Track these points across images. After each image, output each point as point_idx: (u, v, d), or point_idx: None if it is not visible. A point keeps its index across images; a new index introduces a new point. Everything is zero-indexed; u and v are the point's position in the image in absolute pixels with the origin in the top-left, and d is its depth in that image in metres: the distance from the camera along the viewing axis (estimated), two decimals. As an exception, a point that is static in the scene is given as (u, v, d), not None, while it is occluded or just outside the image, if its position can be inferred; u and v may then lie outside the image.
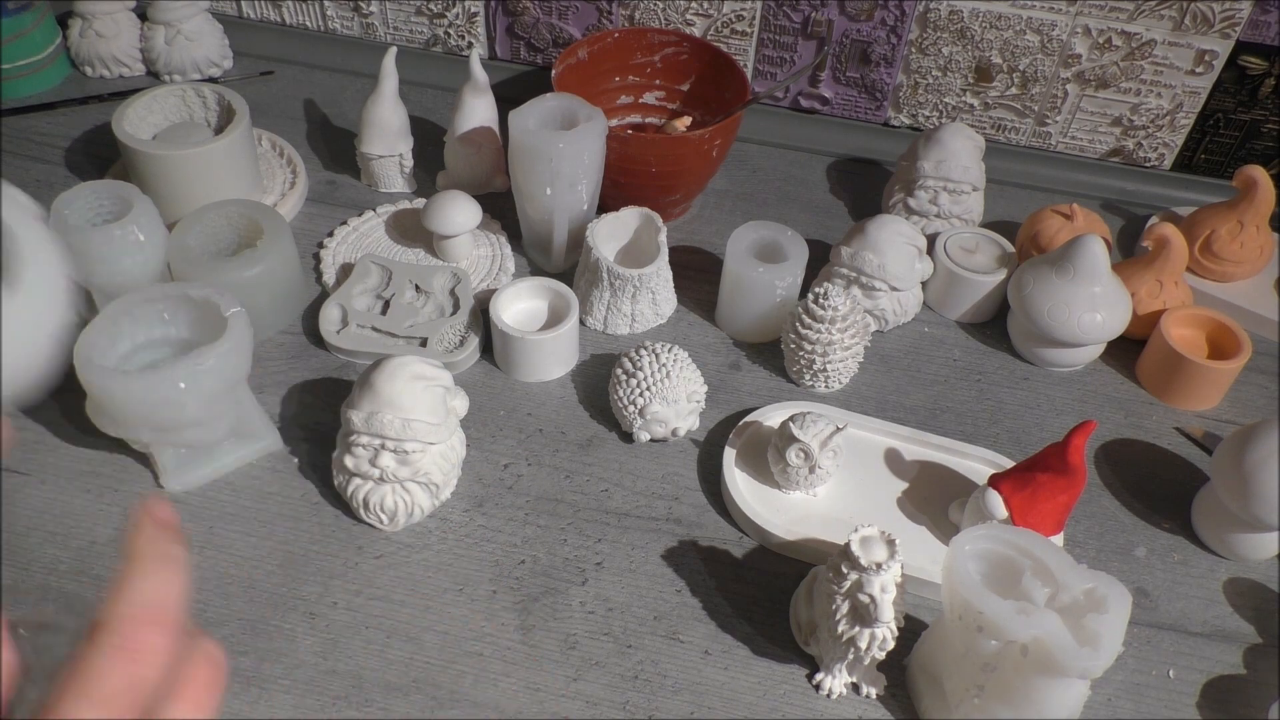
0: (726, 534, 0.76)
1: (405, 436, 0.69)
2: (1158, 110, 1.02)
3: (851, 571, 0.61)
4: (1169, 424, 0.86)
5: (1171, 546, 0.78)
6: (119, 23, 1.07)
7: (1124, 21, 0.96)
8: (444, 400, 0.72)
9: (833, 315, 0.80)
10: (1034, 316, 0.85)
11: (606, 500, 0.77)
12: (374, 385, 0.69)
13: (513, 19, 1.09)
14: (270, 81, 1.12)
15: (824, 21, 1.02)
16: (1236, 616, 0.74)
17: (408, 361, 0.70)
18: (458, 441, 0.74)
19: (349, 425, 0.70)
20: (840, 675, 0.67)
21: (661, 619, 0.70)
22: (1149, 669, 0.70)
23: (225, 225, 0.84)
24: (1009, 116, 1.06)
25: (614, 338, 0.89)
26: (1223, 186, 1.05)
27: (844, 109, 1.09)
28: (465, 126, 0.96)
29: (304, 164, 1.01)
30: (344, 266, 0.92)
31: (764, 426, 0.81)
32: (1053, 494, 0.70)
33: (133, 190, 0.80)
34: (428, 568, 0.72)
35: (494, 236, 0.96)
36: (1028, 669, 0.59)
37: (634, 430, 0.79)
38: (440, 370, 0.72)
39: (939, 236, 0.93)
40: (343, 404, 0.72)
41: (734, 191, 1.04)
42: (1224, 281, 0.95)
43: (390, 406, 0.69)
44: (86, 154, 1.02)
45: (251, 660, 0.66)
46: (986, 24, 0.99)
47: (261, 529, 0.73)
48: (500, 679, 0.67)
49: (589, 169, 0.86)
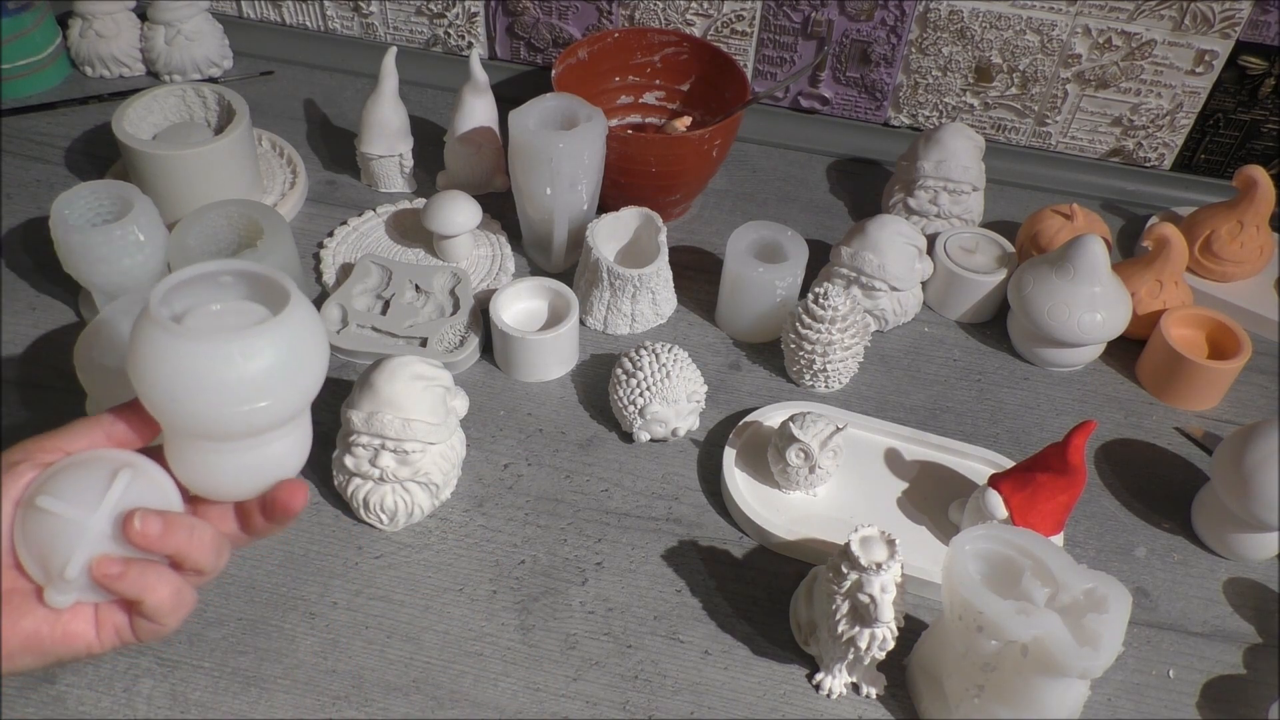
0: (726, 534, 0.76)
1: (405, 436, 0.69)
2: (1158, 110, 1.02)
3: (851, 571, 0.61)
4: (1169, 424, 0.86)
5: (1171, 546, 0.78)
6: (119, 23, 1.07)
7: (1124, 21, 0.96)
8: (444, 400, 0.72)
9: (833, 315, 0.80)
10: (1034, 316, 0.85)
11: (606, 500, 0.77)
12: (374, 385, 0.69)
13: (513, 19, 1.09)
14: (270, 81, 1.12)
15: (824, 21, 1.02)
16: (1236, 616, 0.74)
17: (408, 361, 0.70)
18: (458, 441, 0.74)
19: (349, 425, 0.70)
20: (840, 675, 0.67)
21: (661, 619, 0.70)
22: (1149, 669, 0.70)
23: (225, 225, 0.84)
24: (1009, 116, 1.06)
25: (614, 338, 0.89)
26: (1223, 186, 1.05)
27: (844, 109, 1.09)
28: (465, 126, 0.96)
29: (304, 164, 1.01)
30: (344, 266, 0.92)
31: (764, 426, 0.81)
32: (1053, 494, 0.70)
33: (133, 190, 0.80)
34: (428, 568, 0.72)
35: (494, 236, 0.96)
36: (1028, 669, 0.59)
37: (634, 430, 0.79)
38: (440, 370, 0.72)
39: (939, 236, 0.94)
40: (343, 404, 0.72)
41: (734, 191, 1.04)
42: (1224, 281, 0.95)
43: (390, 406, 0.69)
44: (86, 154, 1.02)
45: (251, 660, 0.66)
46: (986, 24, 0.99)
47: (261, 529, 0.73)
48: (500, 679, 0.67)
49: (589, 169, 0.86)
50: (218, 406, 0.44)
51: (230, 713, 0.64)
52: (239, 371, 0.44)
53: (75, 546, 0.44)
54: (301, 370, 0.46)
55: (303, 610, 0.69)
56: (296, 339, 0.46)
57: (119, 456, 0.47)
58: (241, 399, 0.44)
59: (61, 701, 0.64)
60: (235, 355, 0.44)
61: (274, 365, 0.45)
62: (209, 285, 0.48)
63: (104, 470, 0.45)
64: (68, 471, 0.45)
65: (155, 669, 0.66)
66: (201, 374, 0.43)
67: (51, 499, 0.44)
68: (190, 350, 0.43)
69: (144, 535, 0.44)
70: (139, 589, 0.44)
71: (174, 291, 0.46)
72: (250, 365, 0.44)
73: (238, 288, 0.48)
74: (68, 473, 0.45)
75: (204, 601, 0.69)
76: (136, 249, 0.78)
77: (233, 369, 0.44)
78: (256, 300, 0.48)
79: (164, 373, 0.44)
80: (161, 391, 0.44)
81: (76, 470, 0.45)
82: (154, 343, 0.44)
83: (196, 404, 0.44)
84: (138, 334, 0.44)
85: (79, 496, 0.44)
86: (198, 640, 0.67)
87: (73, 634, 0.45)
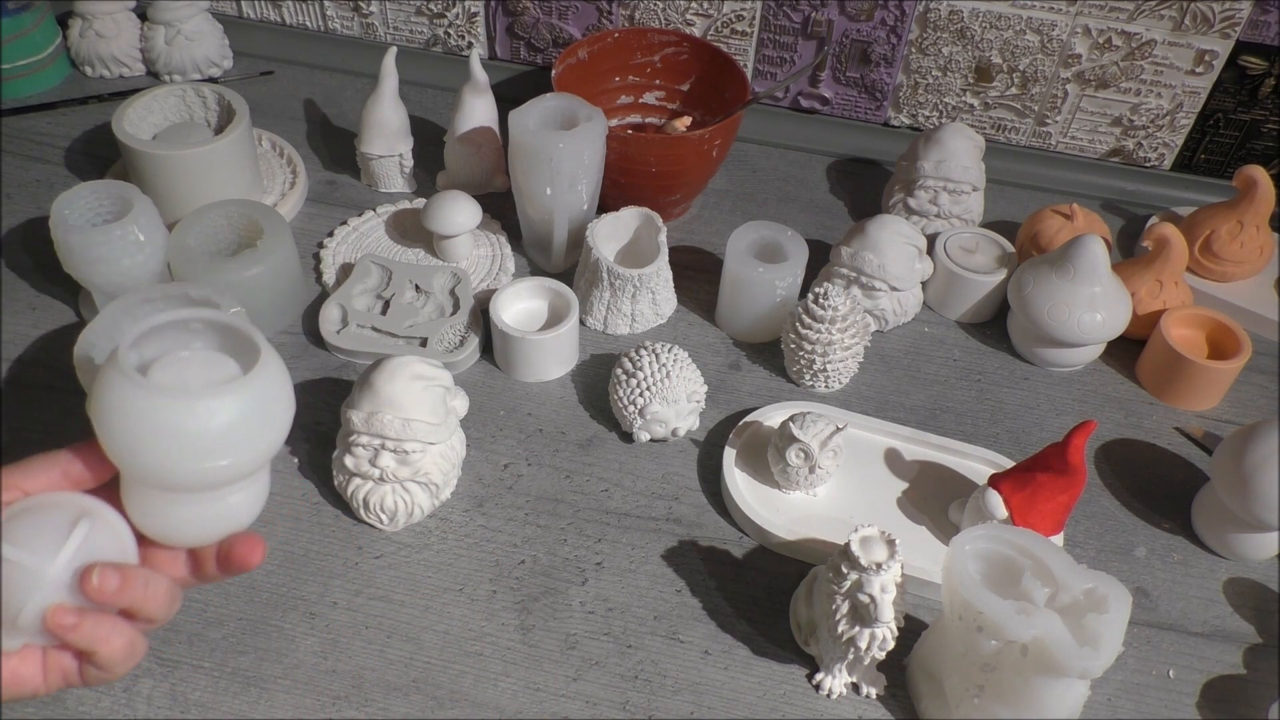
0: (726, 534, 0.76)
1: (405, 436, 0.69)
2: (1158, 110, 1.02)
3: (851, 571, 0.61)
4: (1169, 424, 0.86)
5: (1171, 546, 0.78)
6: (119, 23, 1.07)
7: (1124, 21, 0.96)
8: (444, 400, 0.72)
9: (833, 315, 0.80)
10: (1034, 316, 0.85)
11: (606, 500, 0.77)
12: (374, 385, 0.69)
13: (513, 19, 1.09)
14: (270, 81, 1.12)
15: (824, 21, 1.02)
16: (1236, 616, 0.74)
17: (408, 361, 0.70)
18: (458, 441, 0.74)
19: (349, 425, 0.70)
20: (840, 675, 0.67)
21: (661, 619, 0.70)
22: (1149, 669, 0.70)
23: (225, 225, 0.84)
24: (1009, 116, 1.06)
25: (614, 338, 0.89)
26: (1223, 186, 1.05)
27: (844, 109, 1.09)
28: (465, 126, 0.96)
29: (304, 164, 1.01)
30: (344, 266, 0.92)
31: (764, 426, 0.81)
32: (1053, 494, 0.70)
33: (133, 190, 0.79)
34: (428, 568, 0.72)
35: (494, 236, 0.96)
36: (1028, 669, 0.59)
37: (634, 430, 0.79)
38: (440, 370, 0.72)
39: (939, 236, 0.93)
40: (343, 404, 0.72)
41: (734, 191, 1.04)
42: (1224, 281, 0.95)
43: (390, 406, 0.69)
44: (86, 154, 1.02)
45: (251, 660, 0.66)
46: (986, 24, 0.99)
47: (261, 529, 0.73)
48: (500, 679, 0.67)
49: (589, 169, 0.86)
50: (177, 461, 0.44)
51: (230, 713, 0.64)
52: (201, 428, 0.43)
53: (30, 593, 0.43)
54: (265, 430, 0.46)
55: (303, 610, 0.69)
56: (262, 399, 0.45)
57: (78, 503, 0.46)
58: (202, 455, 0.44)
59: (61, 701, 0.64)
60: (199, 412, 0.43)
61: (236, 424, 0.44)
62: (179, 331, 0.47)
63: (63, 518, 0.45)
64: (26, 516, 0.45)
65: (155, 669, 0.66)
66: (163, 428, 0.43)
67: (10, 546, 0.43)
68: (154, 404, 0.43)
69: (100, 591, 0.44)
70: (92, 641, 0.44)
71: (144, 337, 0.46)
72: (213, 422, 0.44)
73: (208, 335, 0.48)
74: (26, 517, 0.45)
75: (204, 601, 0.69)
76: (136, 249, 0.78)
77: (195, 425, 0.43)
78: (227, 350, 0.48)
79: (126, 423, 0.43)
80: (121, 441, 0.44)
81: (35, 515, 0.45)
82: (118, 392, 0.43)
83: (156, 457, 0.44)
84: (103, 380, 0.44)
85: (36, 543, 0.44)
86: (198, 640, 0.67)
87: (21, 677, 0.44)
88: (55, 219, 0.77)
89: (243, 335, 0.47)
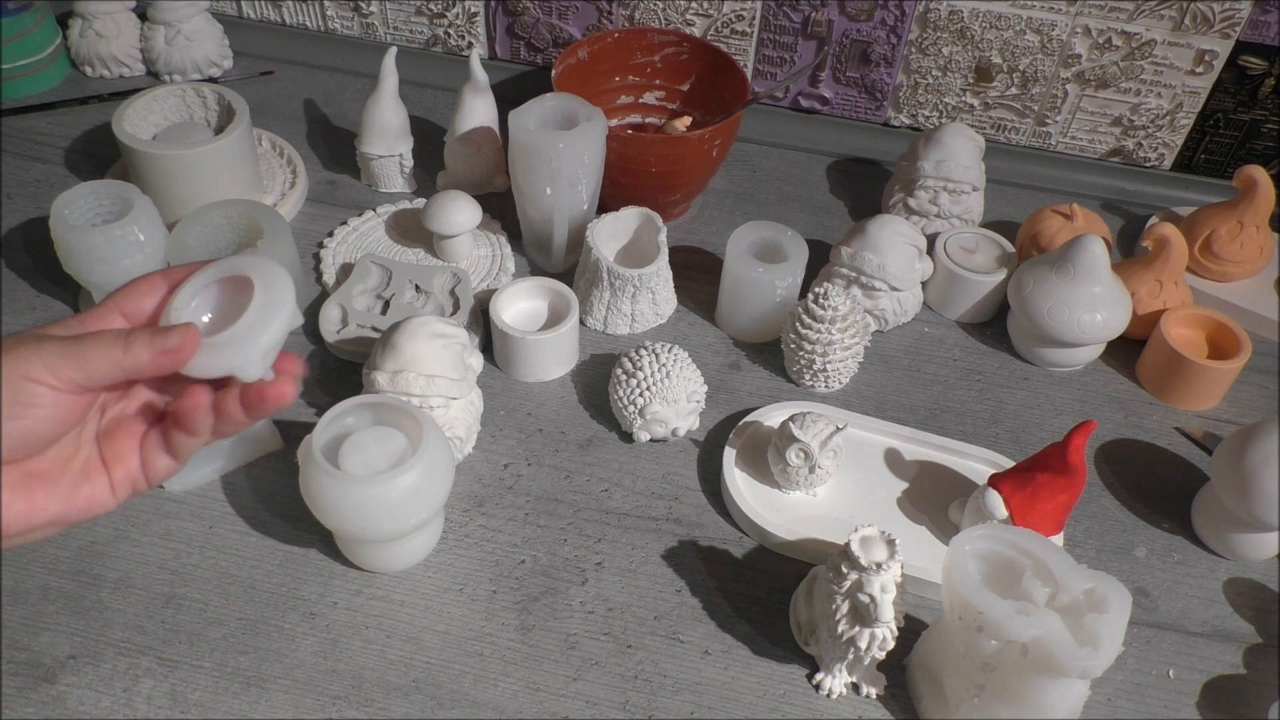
0: (726, 534, 0.76)
1: (430, 393, 0.71)
2: (1158, 110, 1.02)
3: (851, 571, 0.61)
4: (1169, 424, 0.86)
5: (1171, 546, 0.78)
6: (119, 23, 1.07)
7: (1124, 21, 0.96)
8: (462, 357, 0.74)
9: (833, 315, 0.80)
10: (1034, 316, 0.85)
11: (606, 500, 0.77)
12: (396, 345, 0.72)
13: (513, 19, 1.09)
14: (270, 81, 1.12)
15: (824, 21, 1.02)
16: (1236, 616, 0.74)
17: (426, 321, 0.73)
18: (476, 397, 0.77)
19: (374, 387, 0.72)
20: (840, 675, 0.67)
21: (661, 619, 0.70)
22: (1149, 669, 0.70)
23: (225, 225, 0.84)
24: (1009, 116, 1.06)
25: (614, 338, 0.89)
26: (1223, 186, 1.05)
27: (844, 109, 1.09)
28: (465, 126, 0.96)
29: (304, 164, 1.01)
30: (344, 266, 0.92)
31: (764, 426, 0.81)
32: (1053, 494, 0.70)
33: (133, 190, 0.80)
34: (428, 568, 0.72)
35: (494, 236, 0.96)
36: (1028, 669, 0.59)
37: (634, 430, 0.79)
38: (457, 329, 0.74)
39: (939, 236, 0.93)
40: (363, 368, 0.74)
41: (734, 191, 1.04)
42: (1224, 281, 0.95)
43: (414, 364, 0.71)
44: (86, 154, 1.02)
45: (251, 660, 0.66)
46: (986, 24, 0.99)
47: (261, 529, 0.73)
48: (500, 679, 0.67)
49: (589, 169, 0.86)
50: (379, 523, 0.64)
51: (230, 713, 0.64)
52: (388, 497, 0.63)
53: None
54: (438, 486, 0.66)
55: (303, 610, 0.69)
56: (432, 463, 0.64)
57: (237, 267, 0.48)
58: (395, 517, 0.64)
59: (61, 701, 0.64)
60: (387, 486, 0.62)
61: (418, 488, 0.64)
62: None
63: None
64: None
65: (155, 669, 0.66)
66: (364, 503, 0.63)
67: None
68: (352, 490, 0.63)
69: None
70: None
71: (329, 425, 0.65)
72: (396, 492, 0.63)
73: (363, 414, 0.67)
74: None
75: (204, 601, 0.69)
76: (136, 249, 0.78)
77: (386, 495, 0.63)
78: (383, 422, 0.67)
79: (333, 503, 0.63)
80: (332, 515, 0.64)
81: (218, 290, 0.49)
82: (321, 484, 0.63)
83: (359, 524, 0.63)
84: (307, 474, 0.64)
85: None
86: (198, 640, 0.67)
87: (94, 502, 0.46)
88: (55, 219, 0.77)
89: (402, 411, 0.66)
